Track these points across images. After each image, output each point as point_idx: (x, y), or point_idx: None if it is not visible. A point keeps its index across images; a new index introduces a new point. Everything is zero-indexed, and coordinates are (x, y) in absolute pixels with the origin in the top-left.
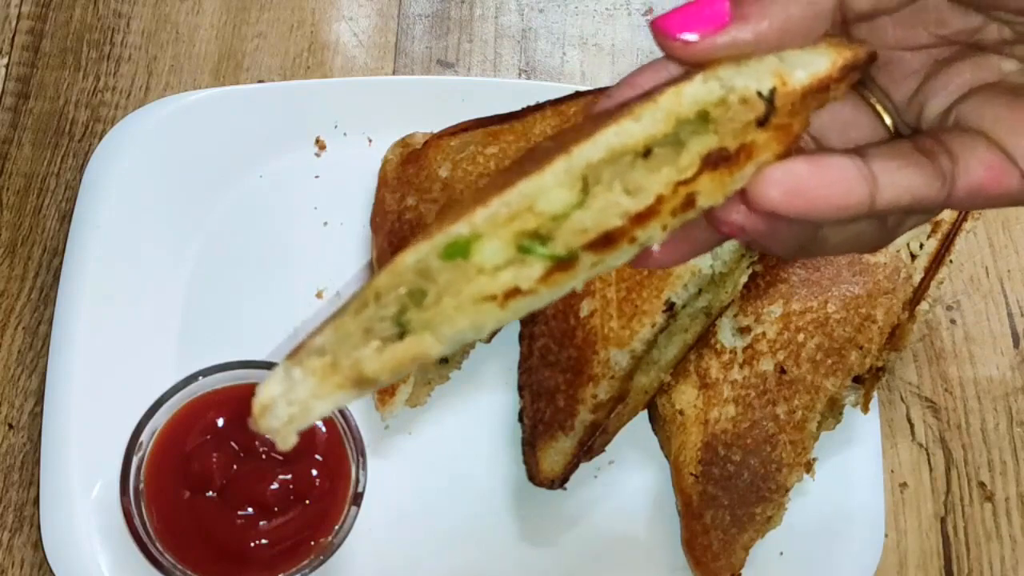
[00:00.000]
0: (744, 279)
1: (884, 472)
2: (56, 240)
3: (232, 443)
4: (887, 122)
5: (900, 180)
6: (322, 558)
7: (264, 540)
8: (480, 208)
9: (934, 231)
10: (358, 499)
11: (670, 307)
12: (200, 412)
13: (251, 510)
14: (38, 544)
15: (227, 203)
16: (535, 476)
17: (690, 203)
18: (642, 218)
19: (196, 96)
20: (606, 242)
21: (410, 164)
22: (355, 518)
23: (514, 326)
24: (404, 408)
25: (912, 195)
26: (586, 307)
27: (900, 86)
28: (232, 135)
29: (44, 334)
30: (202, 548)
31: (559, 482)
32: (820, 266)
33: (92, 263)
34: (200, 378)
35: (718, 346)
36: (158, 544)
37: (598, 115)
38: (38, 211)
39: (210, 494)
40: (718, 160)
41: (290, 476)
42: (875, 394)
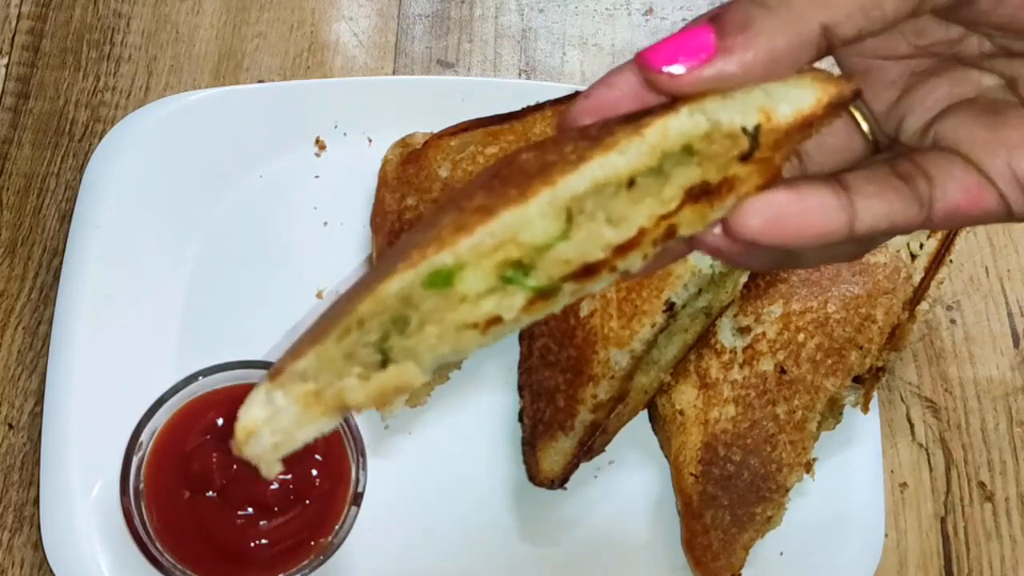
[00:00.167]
0: (744, 279)
1: (884, 472)
2: (56, 240)
3: (232, 443)
4: (865, 129)
5: (878, 207)
6: (322, 558)
7: (264, 540)
8: (464, 237)
9: (934, 231)
10: (358, 499)
11: (670, 307)
12: (200, 412)
13: (251, 510)
14: (38, 544)
15: (227, 203)
16: (535, 476)
17: (671, 234)
18: (624, 249)
19: (196, 96)
20: (587, 272)
21: (410, 164)
22: (355, 518)
23: None
24: (404, 408)
25: (890, 220)
26: (586, 307)
27: (879, 95)
28: (232, 135)
29: (44, 334)
30: (202, 548)
31: (559, 482)
32: (820, 266)
33: (92, 263)
34: (200, 378)
35: (718, 346)
36: (158, 544)
37: (581, 128)
38: (38, 211)
39: (210, 494)
40: (700, 193)
41: (290, 476)
42: (875, 394)
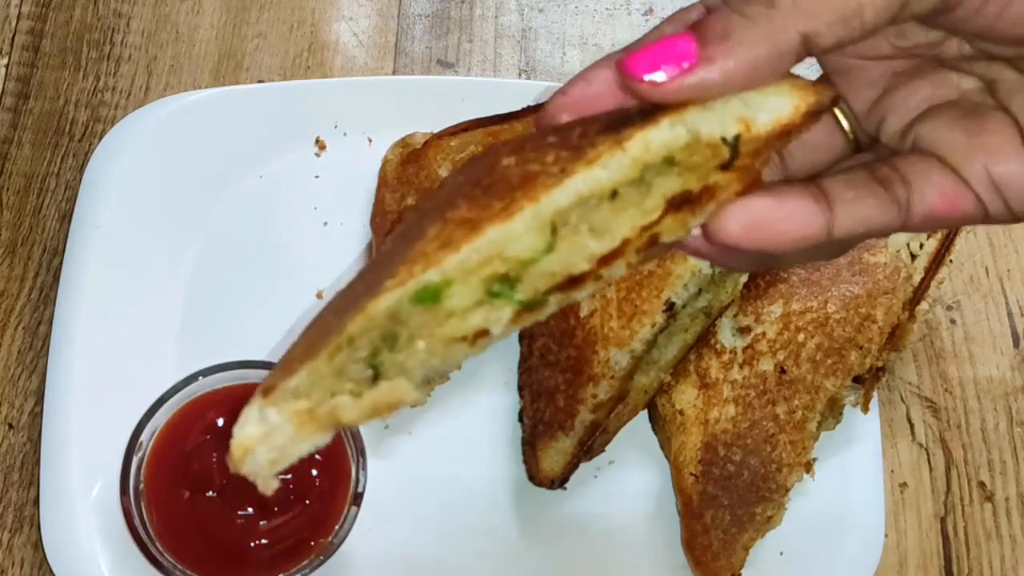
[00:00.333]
0: (744, 279)
1: (884, 472)
2: (56, 240)
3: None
4: (846, 128)
5: (856, 211)
6: (322, 558)
7: (264, 540)
8: (451, 254)
9: (934, 232)
10: (358, 499)
11: (670, 307)
12: (200, 412)
13: (251, 510)
14: (38, 544)
15: (227, 203)
16: (535, 476)
17: (653, 242)
18: (608, 259)
19: (196, 96)
20: (572, 283)
21: (410, 164)
22: (355, 518)
23: None
24: (405, 408)
25: (868, 224)
26: (586, 307)
27: (860, 95)
28: (232, 135)
29: (44, 334)
30: (202, 548)
31: (559, 482)
32: (820, 266)
33: (92, 263)
34: (200, 378)
35: (718, 346)
36: (158, 544)
37: (561, 130)
38: (38, 211)
39: (210, 494)
40: (682, 202)
41: (290, 476)
42: (875, 394)
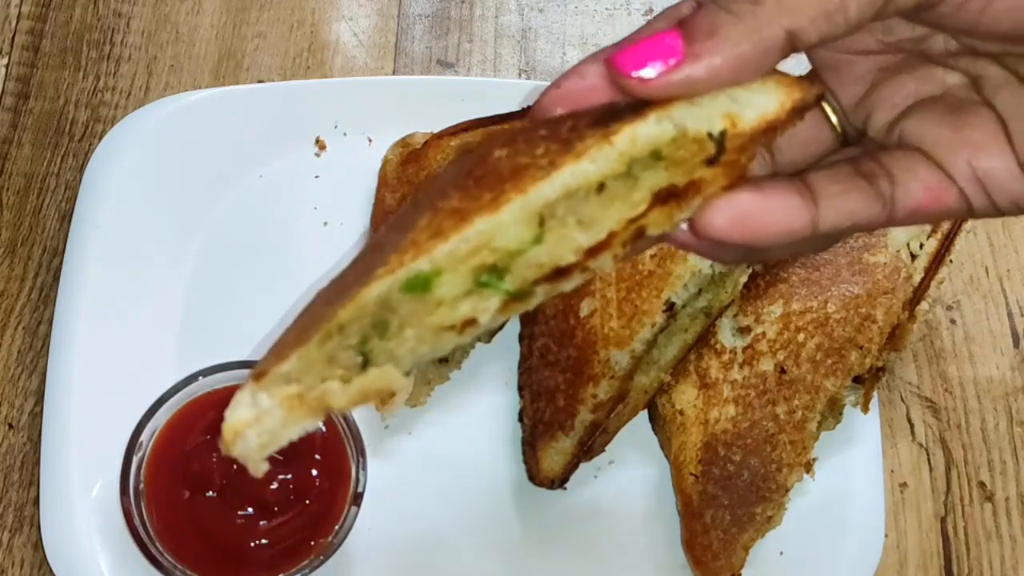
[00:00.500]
0: (744, 279)
1: (884, 472)
2: (56, 240)
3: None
4: (834, 121)
5: (841, 205)
6: (322, 558)
7: (264, 540)
8: (440, 243)
9: (934, 231)
10: (358, 499)
11: (670, 307)
12: (200, 412)
13: (251, 510)
14: (38, 544)
15: (227, 203)
16: (535, 476)
17: (640, 234)
18: (594, 251)
19: (196, 96)
20: (559, 274)
21: (410, 164)
22: (355, 518)
23: (514, 326)
24: (404, 408)
25: (853, 218)
26: (586, 307)
27: (847, 89)
28: (232, 135)
29: (44, 334)
30: (202, 548)
31: (559, 482)
32: (820, 266)
33: (92, 263)
34: (200, 378)
35: (718, 346)
36: (158, 544)
37: (551, 123)
38: (38, 211)
39: (210, 494)
40: (668, 196)
41: (290, 476)
42: (875, 394)
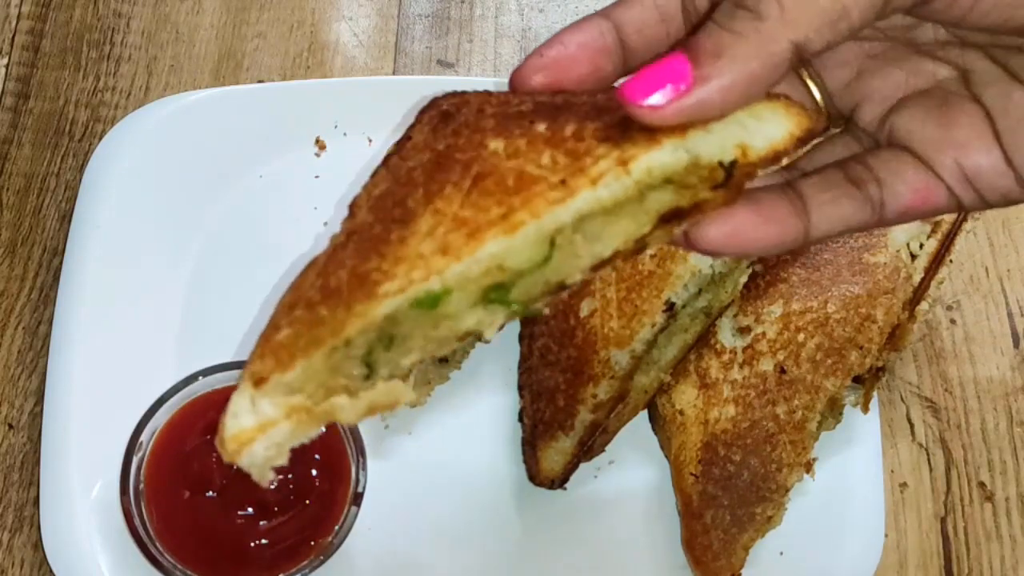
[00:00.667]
0: (744, 279)
1: (884, 472)
2: (56, 240)
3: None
4: (818, 100)
5: (832, 212)
6: (322, 558)
7: (264, 540)
8: (451, 263)
9: (934, 231)
10: (358, 499)
11: (670, 307)
12: (200, 412)
13: (251, 510)
14: (38, 544)
15: (227, 203)
16: (535, 476)
17: (640, 249)
18: (598, 267)
19: (196, 96)
20: (561, 288)
21: None
22: (355, 518)
23: (514, 326)
24: (404, 408)
25: (845, 225)
26: (586, 307)
27: (834, 73)
28: (232, 135)
29: (44, 334)
30: (202, 548)
31: (559, 482)
32: (820, 266)
33: (92, 263)
34: (200, 378)
35: (718, 346)
36: (158, 544)
37: (541, 104)
38: (38, 211)
39: (210, 494)
40: (671, 216)
41: (290, 476)
42: (875, 394)
